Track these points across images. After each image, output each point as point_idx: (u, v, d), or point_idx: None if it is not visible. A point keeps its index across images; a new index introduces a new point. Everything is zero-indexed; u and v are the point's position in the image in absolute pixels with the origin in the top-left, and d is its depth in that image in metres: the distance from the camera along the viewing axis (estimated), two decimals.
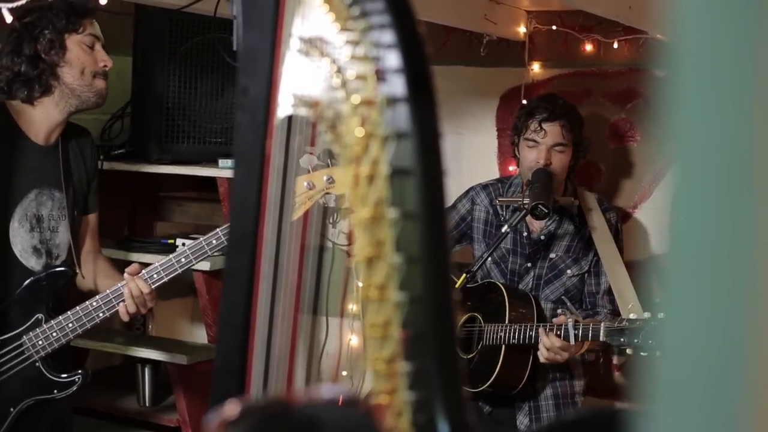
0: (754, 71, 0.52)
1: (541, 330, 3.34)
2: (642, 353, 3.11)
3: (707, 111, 0.55)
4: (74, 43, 3.10)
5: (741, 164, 0.53)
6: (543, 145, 3.55)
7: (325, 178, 2.42)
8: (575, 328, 3.27)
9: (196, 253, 3.12)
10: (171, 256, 3.15)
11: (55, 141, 3.21)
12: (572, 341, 3.28)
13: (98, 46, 3.16)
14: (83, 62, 3.11)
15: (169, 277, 3.13)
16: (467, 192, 3.81)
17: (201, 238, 3.14)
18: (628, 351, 3.18)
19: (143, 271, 3.12)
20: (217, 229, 3.15)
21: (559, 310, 3.46)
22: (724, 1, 0.54)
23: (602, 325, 3.22)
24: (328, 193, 2.46)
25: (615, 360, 4.13)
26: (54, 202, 3.21)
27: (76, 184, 3.28)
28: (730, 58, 0.54)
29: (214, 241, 3.12)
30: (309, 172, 2.41)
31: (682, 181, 0.56)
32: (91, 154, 3.37)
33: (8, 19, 2.46)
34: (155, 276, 3.12)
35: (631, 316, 3.24)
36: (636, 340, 3.11)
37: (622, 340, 3.15)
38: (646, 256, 4.05)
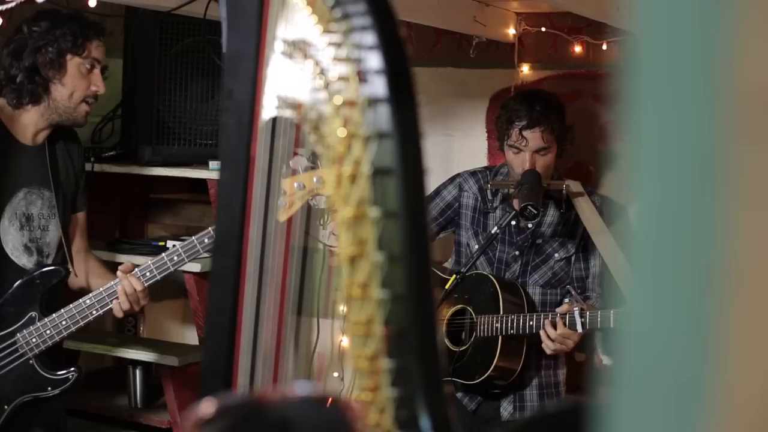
0: (715, 65, 0.53)
1: (547, 321, 3.34)
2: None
3: (666, 107, 0.55)
4: (74, 66, 3.10)
5: (702, 160, 0.53)
6: (526, 152, 3.54)
7: (315, 179, 2.43)
8: (582, 317, 3.28)
9: (188, 251, 3.14)
10: (164, 254, 3.16)
11: (43, 141, 3.22)
12: (579, 329, 3.29)
13: (96, 71, 3.16)
14: (75, 86, 3.12)
15: (161, 275, 3.15)
16: (453, 179, 3.80)
17: (193, 237, 3.16)
18: None
19: (136, 269, 3.13)
20: (209, 228, 3.17)
21: (566, 299, 3.46)
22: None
23: (611, 311, 3.22)
24: (318, 195, 2.47)
25: (605, 361, 4.14)
26: (43, 200, 3.22)
27: (64, 183, 3.29)
28: (690, 51, 0.54)
29: (206, 240, 3.13)
30: (299, 173, 2.41)
31: (643, 179, 0.57)
32: (78, 153, 3.38)
33: None
34: (148, 274, 3.13)
35: None
36: None
37: None
38: None
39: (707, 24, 0.53)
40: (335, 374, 4.09)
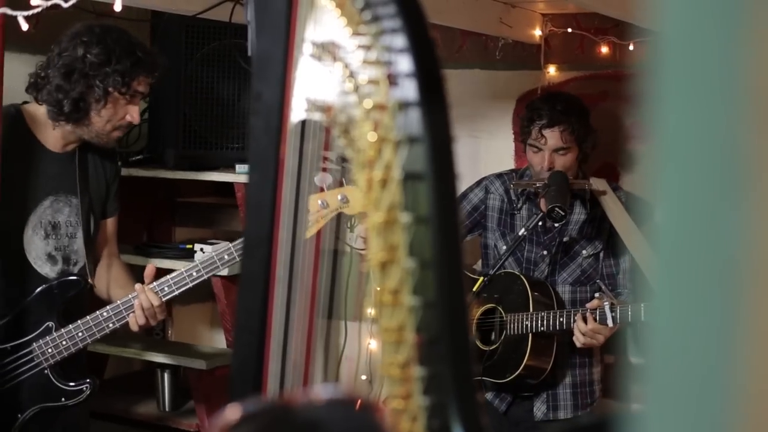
0: (738, 66, 0.52)
1: (578, 315, 3.33)
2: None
3: (691, 107, 0.54)
4: (115, 101, 3.10)
5: (727, 160, 0.53)
6: (545, 151, 3.57)
7: (339, 197, 2.41)
8: (612, 311, 3.27)
9: (207, 267, 3.14)
10: (182, 269, 3.15)
11: (73, 148, 3.22)
12: (610, 324, 3.28)
13: (135, 102, 3.16)
14: (111, 117, 3.11)
15: (179, 291, 3.14)
16: (479, 182, 3.82)
17: (213, 253, 3.15)
18: None
19: (154, 283, 3.12)
20: (230, 244, 3.16)
21: (596, 294, 3.44)
22: None
23: (642, 305, 3.21)
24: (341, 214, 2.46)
25: (636, 361, 4.11)
26: (71, 208, 3.22)
27: (93, 189, 3.28)
28: (715, 53, 0.53)
29: (225, 256, 3.13)
30: (323, 190, 2.40)
31: (667, 178, 0.56)
32: (111, 158, 3.37)
33: (24, 27, 2.47)
34: (166, 289, 3.13)
35: None
36: None
37: None
38: None
39: (730, 22, 0.53)
40: (363, 377, 4.08)
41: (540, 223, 3.63)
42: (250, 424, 0.89)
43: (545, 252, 3.66)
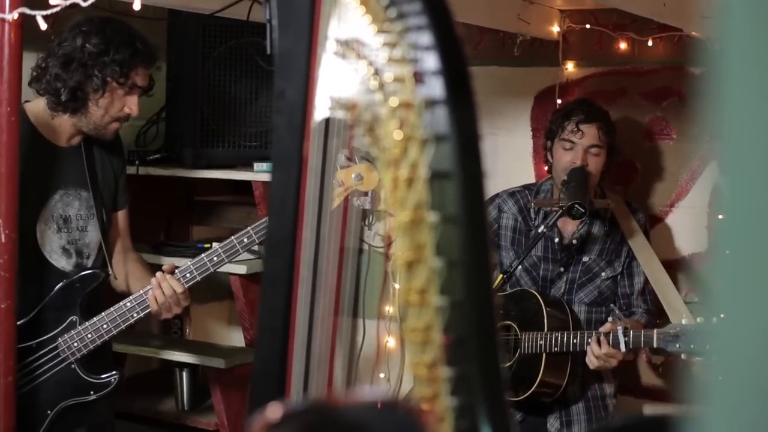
0: None
1: (593, 338, 3.31)
2: (699, 358, 3.07)
3: (753, 108, 0.54)
4: (113, 91, 3.11)
5: None
6: (579, 146, 3.55)
7: (353, 175, 2.41)
8: (625, 336, 3.25)
9: (228, 251, 3.14)
10: (203, 255, 3.16)
11: (78, 142, 3.23)
12: (623, 348, 3.26)
13: (133, 94, 3.16)
14: (109, 108, 3.12)
15: (201, 276, 3.15)
16: (492, 199, 3.79)
17: (232, 237, 3.15)
18: (683, 357, 3.16)
19: (176, 270, 3.14)
20: (249, 228, 3.16)
21: (609, 318, 3.43)
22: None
23: (655, 331, 3.20)
24: (358, 192, 2.45)
25: (653, 359, 4.10)
26: (81, 201, 3.22)
27: (102, 182, 3.29)
28: None
29: (245, 240, 3.13)
30: (337, 169, 2.40)
31: (730, 180, 0.55)
32: (117, 151, 3.38)
33: (43, 26, 2.47)
34: (188, 275, 3.13)
35: (683, 321, 3.22)
36: (692, 346, 3.08)
37: (678, 346, 3.12)
38: (683, 255, 4.02)
39: None
40: (381, 375, 4.08)
41: (557, 240, 3.62)
42: (292, 423, 0.88)
43: (562, 269, 3.65)
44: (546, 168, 3.88)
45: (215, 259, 3.14)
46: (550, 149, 3.68)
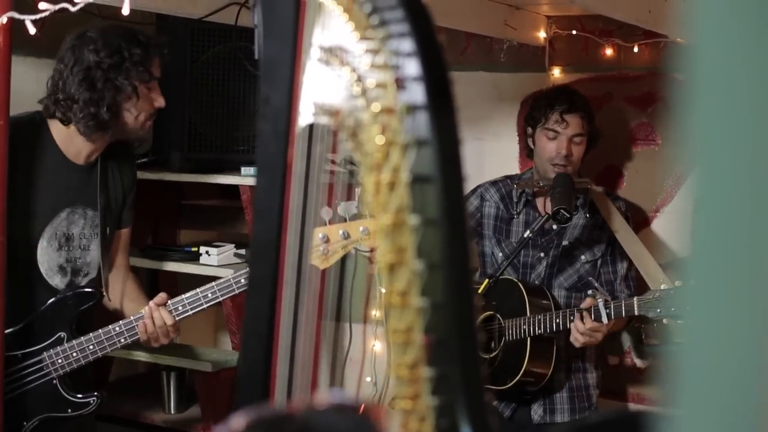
0: None
1: (576, 315, 3.35)
2: (679, 321, 3.10)
3: (727, 114, 0.55)
4: (143, 91, 3.12)
5: (763, 166, 0.53)
6: (564, 136, 3.60)
7: (360, 229, 2.41)
8: (606, 308, 3.29)
9: (223, 290, 3.12)
10: (198, 290, 3.15)
11: (95, 160, 3.22)
12: (605, 320, 3.30)
13: (155, 87, 3.17)
14: (142, 108, 3.13)
15: (194, 311, 3.15)
16: (474, 190, 3.85)
17: (230, 276, 3.14)
18: (665, 321, 3.20)
19: (169, 302, 3.13)
20: (247, 270, 3.16)
21: (589, 292, 3.46)
22: (742, 3, 0.54)
23: (635, 299, 3.24)
24: (362, 246, 2.46)
25: (639, 363, 4.12)
26: (86, 220, 3.21)
27: (111, 201, 3.28)
28: (750, 60, 0.54)
29: (242, 280, 3.11)
30: (346, 220, 2.40)
31: (703, 185, 0.56)
32: (129, 167, 3.38)
33: (32, 31, 2.48)
34: (180, 308, 3.13)
35: (662, 287, 3.26)
36: (673, 309, 3.13)
37: (658, 311, 3.18)
38: (669, 260, 4.05)
39: (763, 33, 0.53)
40: (368, 379, 4.09)
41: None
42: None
43: (542, 254, 3.68)
44: (526, 153, 3.92)
45: (209, 295, 3.13)
46: (531, 136, 3.73)
